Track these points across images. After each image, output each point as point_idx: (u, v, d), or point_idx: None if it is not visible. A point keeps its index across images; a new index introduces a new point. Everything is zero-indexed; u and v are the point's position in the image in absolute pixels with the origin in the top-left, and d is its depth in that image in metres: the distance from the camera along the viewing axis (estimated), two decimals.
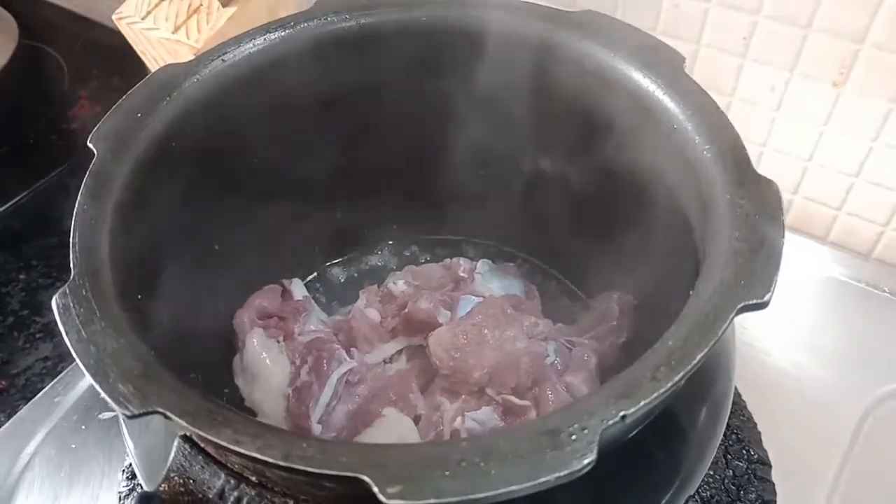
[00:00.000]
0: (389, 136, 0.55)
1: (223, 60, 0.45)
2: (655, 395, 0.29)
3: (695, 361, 0.30)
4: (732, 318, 0.32)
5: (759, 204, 0.36)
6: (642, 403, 0.29)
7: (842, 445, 0.58)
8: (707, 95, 0.42)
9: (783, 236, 0.35)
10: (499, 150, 0.54)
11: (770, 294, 0.32)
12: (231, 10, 0.73)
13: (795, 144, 0.71)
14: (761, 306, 0.32)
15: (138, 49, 0.80)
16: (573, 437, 0.28)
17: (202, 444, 0.33)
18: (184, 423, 0.29)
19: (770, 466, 0.56)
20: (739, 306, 0.32)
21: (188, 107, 0.44)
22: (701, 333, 0.31)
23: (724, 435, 0.56)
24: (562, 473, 0.27)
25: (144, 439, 0.40)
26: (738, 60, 0.69)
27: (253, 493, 0.32)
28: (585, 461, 0.27)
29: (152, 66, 0.81)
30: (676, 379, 0.30)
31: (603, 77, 0.45)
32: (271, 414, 0.50)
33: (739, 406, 0.59)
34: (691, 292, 0.34)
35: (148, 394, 0.30)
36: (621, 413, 0.29)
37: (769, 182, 0.37)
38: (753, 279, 0.33)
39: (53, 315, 0.34)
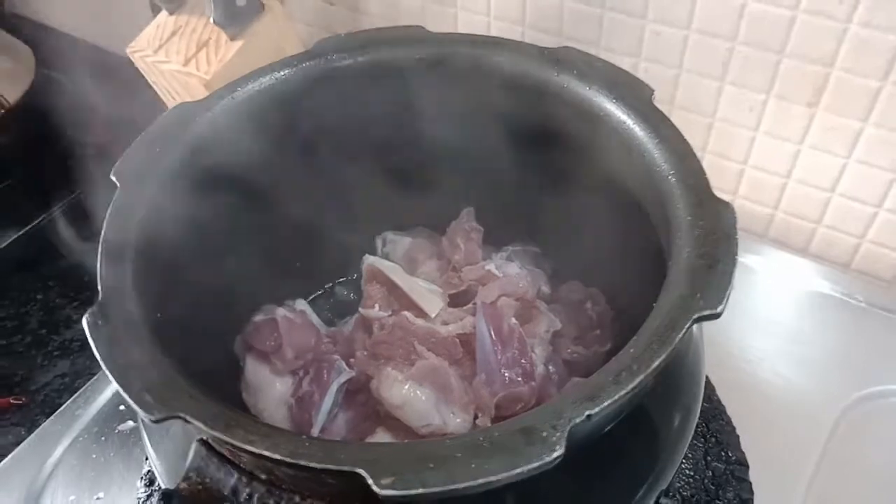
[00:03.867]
0: (390, 164, 0.59)
1: (233, 98, 0.50)
2: (617, 396, 0.33)
3: (653, 367, 0.34)
4: (688, 328, 0.35)
5: (716, 224, 0.40)
6: (606, 404, 0.33)
7: (817, 447, 0.61)
8: (673, 125, 0.46)
9: (737, 254, 0.38)
10: (487, 176, 0.58)
11: (723, 306, 0.36)
12: (239, 43, 0.77)
13: (774, 162, 0.75)
14: (714, 317, 0.36)
15: (151, 80, 0.84)
16: (544, 434, 0.32)
17: (217, 447, 0.37)
18: (202, 426, 0.33)
19: (747, 467, 0.59)
20: (695, 317, 0.36)
21: (202, 141, 0.48)
22: (659, 342, 0.35)
23: (704, 438, 0.60)
24: (533, 465, 0.31)
25: (164, 445, 0.44)
26: (717, 84, 0.73)
27: (263, 489, 0.36)
28: (555, 454, 0.31)
29: (165, 97, 0.85)
30: (636, 382, 0.33)
31: (579, 108, 0.49)
32: (275, 423, 0.54)
33: (719, 410, 0.62)
34: (654, 305, 0.38)
35: (169, 401, 0.34)
36: (587, 412, 0.32)
37: (726, 204, 0.41)
38: (709, 293, 0.37)
39: (71, 333, 0.37)
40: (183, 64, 0.78)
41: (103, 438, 0.66)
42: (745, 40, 0.69)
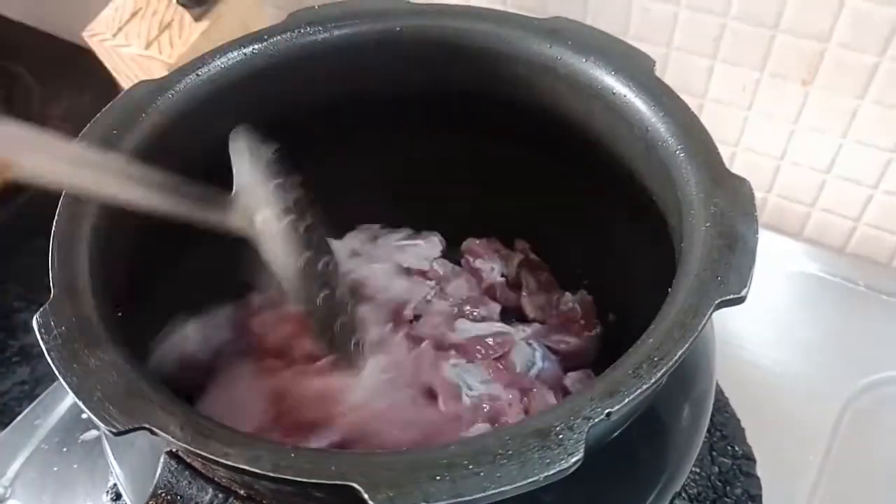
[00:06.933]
0: (368, 143, 0.55)
1: (197, 75, 0.45)
2: (639, 391, 0.29)
3: (676, 357, 0.30)
4: (711, 314, 0.32)
5: (733, 201, 0.37)
6: (626, 400, 0.29)
7: (824, 437, 0.59)
8: (678, 98, 0.42)
9: (757, 232, 0.35)
10: (473, 159, 0.55)
11: (747, 289, 0.33)
12: (204, 24, 0.73)
13: (767, 143, 0.73)
14: (738, 301, 0.33)
15: (110, 66, 0.79)
16: (560, 436, 0.28)
17: (188, 460, 0.33)
18: (170, 439, 0.29)
19: (755, 461, 0.56)
20: (717, 302, 0.32)
21: (163, 123, 0.43)
22: (681, 330, 0.32)
23: (709, 432, 0.57)
24: (550, 472, 0.27)
25: (129, 458, 0.40)
26: (708, 62, 0.70)
27: None
28: (573, 460, 0.28)
29: (125, 84, 0.80)
30: (659, 375, 0.30)
31: (576, 81, 0.46)
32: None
33: (723, 403, 0.59)
34: (669, 289, 0.34)
35: (133, 410, 0.30)
36: (606, 411, 0.29)
37: (742, 180, 0.38)
38: (730, 275, 0.33)
39: (30, 338, 0.33)
40: (144, 47, 0.73)
41: (65, 449, 0.61)
42: (737, 15, 0.66)
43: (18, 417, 0.64)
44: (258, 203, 0.42)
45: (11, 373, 0.77)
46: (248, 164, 0.43)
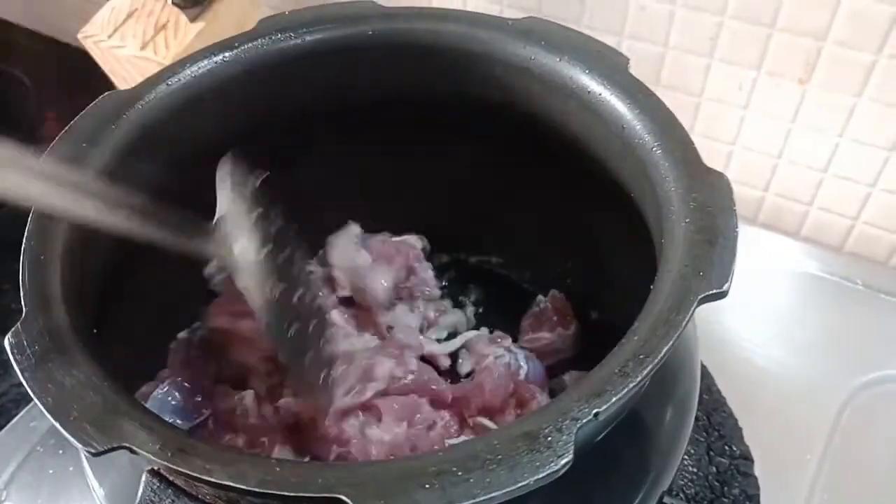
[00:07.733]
0: (339, 152, 0.54)
1: (167, 85, 0.44)
2: (626, 390, 0.29)
3: (661, 354, 0.30)
4: (694, 310, 0.32)
5: (712, 196, 0.36)
6: (614, 399, 0.29)
7: (821, 437, 0.58)
8: (653, 94, 0.42)
9: (737, 226, 0.35)
10: (446, 164, 0.54)
11: (729, 284, 0.33)
12: (199, 25, 0.72)
13: (764, 142, 0.72)
14: (721, 296, 0.32)
15: (106, 68, 0.79)
16: (549, 438, 0.28)
17: (171, 478, 0.32)
18: (151, 457, 0.28)
19: (752, 461, 0.56)
20: (700, 297, 0.32)
21: (133, 134, 0.43)
22: (665, 326, 0.31)
23: (707, 432, 0.57)
24: (540, 476, 0.27)
25: (111, 478, 0.39)
26: (705, 60, 0.70)
27: None
28: (563, 462, 0.27)
29: (121, 85, 0.80)
30: (645, 372, 0.30)
31: (551, 81, 0.45)
32: None
33: (720, 402, 0.59)
34: (651, 287, 0.34)
35: (111, 429, 0.29)
36: (595, 411, 0.29)
37: (720, 175, 0.37)
38: (711, 270, 0.33)
39: None
40: (140, 48, 0.73)
41: (61, 452, 0.60)
42: (733, 14, 0.66)
43: (14, 419, 0.63)
44: (239, 232, 0.41)
45: (9, 375, 0.76)
46: (231, 191, 0.41)
